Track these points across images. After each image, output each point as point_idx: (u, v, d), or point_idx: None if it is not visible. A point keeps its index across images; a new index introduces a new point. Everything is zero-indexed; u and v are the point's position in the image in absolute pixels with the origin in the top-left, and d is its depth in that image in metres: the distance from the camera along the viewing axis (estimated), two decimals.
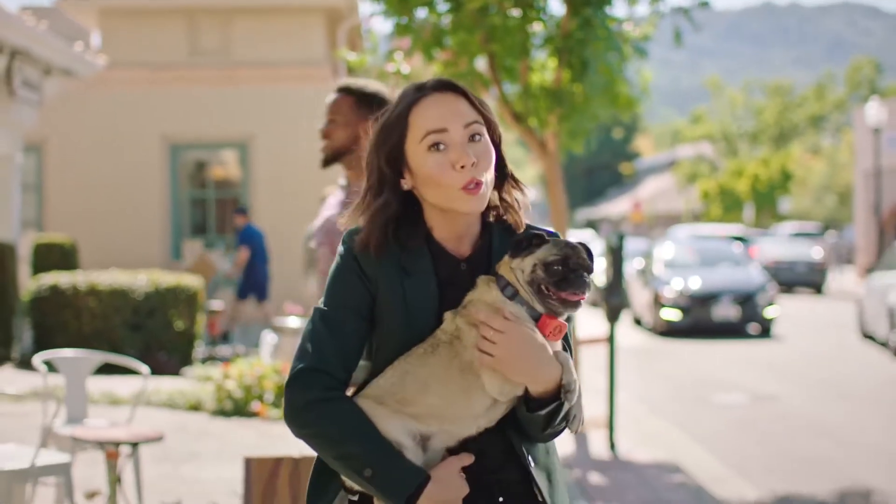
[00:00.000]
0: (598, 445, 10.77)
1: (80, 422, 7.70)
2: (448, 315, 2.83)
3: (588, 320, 22.03)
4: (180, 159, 23.66)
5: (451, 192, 2.83)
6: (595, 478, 9.49)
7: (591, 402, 11.94)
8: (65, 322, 14.92)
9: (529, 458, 2.87)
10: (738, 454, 10.71)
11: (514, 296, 2.77)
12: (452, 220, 2.91)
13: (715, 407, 13.61)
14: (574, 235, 15.81)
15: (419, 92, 2.90)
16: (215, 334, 16.85)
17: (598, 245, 32.59)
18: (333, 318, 2.88)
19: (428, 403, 2.78)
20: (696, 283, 23.02)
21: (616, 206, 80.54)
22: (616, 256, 11.04)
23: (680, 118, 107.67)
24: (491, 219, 2.98)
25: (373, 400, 2.81)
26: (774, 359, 18.57)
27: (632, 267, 26.98)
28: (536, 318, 2.76)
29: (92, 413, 9.35)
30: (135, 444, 6.94)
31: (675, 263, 24.71)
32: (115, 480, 6.65)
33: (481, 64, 11.82)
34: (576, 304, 2.75)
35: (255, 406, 11.26)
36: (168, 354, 14.91)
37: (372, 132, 2.94)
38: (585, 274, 2.74)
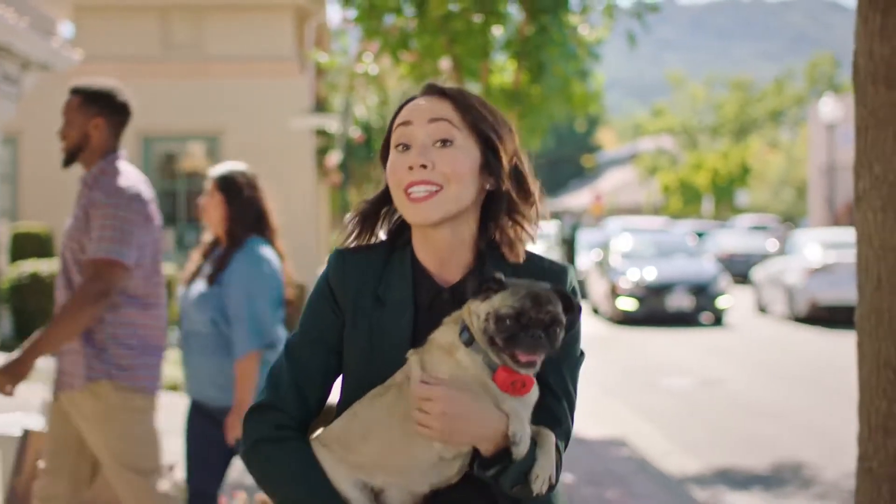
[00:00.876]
0: None
1: None
2: (410, 353, 2.56)
3: None
4: (152, 151, 24.29)
5: (399, 196, 2.63)
6: None
7: None
8: (44, 308, 15.57)
9: None
10: (683, 431, 11.49)
11: (470, 342, 2.49)
12: (428, 239, 2.66)
13: (664, 389, 14.40)
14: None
15: (417, 94, 2.71)
16: None
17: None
18: (296, 351, 2.69)
19: (368, 452, 2.54)
20: (651, 274, 23.82)
21: (578, 199, 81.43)
22: (569, 247, 11.83)
23: (643, 111, 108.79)
24: (482, 246, 2.68)
25: (320, 443, 2.61)
26: (723, 345, 19.44)
27: (590, 258, 27.79)
28: (494, 368, 2.46)
29: None
30: None
31: (631, 255, 25.48)
32: None
33: (445, 65, 12.55)
34: (528, 365, 2.43)
35: None
36: None
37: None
38: (541, 332, 2.42)
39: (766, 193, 66.07)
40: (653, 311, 23.47)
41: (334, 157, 26.72)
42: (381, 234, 2.79)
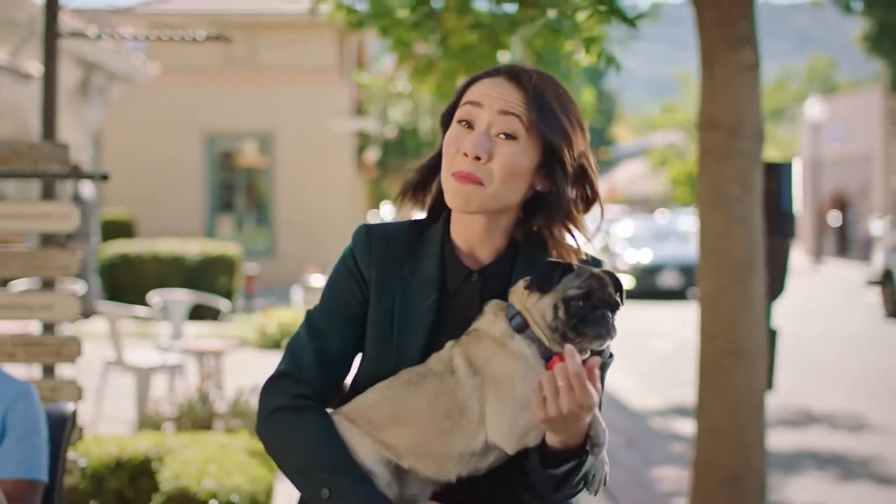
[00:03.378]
0: None
1: (181, 339, 10.52)
2: (449, 343, 2.34)
3: None
4: (214, 148, 26.24)
5: (445, 174, 2.35)
6: None
7: None
8: (131, 282, 17.67)
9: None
10: (654, 379, 13.40)
11: (522, 329, 2.26)
12: (463, 220, 2.42)
13: (647, 349, 16.30)
14: None
15: (496, 70, 2.37)
16: (251, 292, 19.58)
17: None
18: (317, 323, 2.46)
19: (401, 436, 2.33)
20: (646, 256, 25.76)
21: None
22: None
23: (658, 107, 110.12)
24: (518, 235, 2.43)
25: (344, 417, 2.39)
26: None
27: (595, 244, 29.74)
28: (548, 357, 2.23)
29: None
30: (219, 353, 9.77)
31: (631, 239, 27.44)
32: (207, 376, 9.37)
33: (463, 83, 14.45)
34: (596, 341, 2.22)
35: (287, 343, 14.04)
36: (210, 310, 17.64)
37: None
38: (608, 311, 2.22)
39: None
40: (646, 288, 25.38)
41: (372, 154, 28.62)
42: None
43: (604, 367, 2.40)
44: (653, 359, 15.16)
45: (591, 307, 2.21)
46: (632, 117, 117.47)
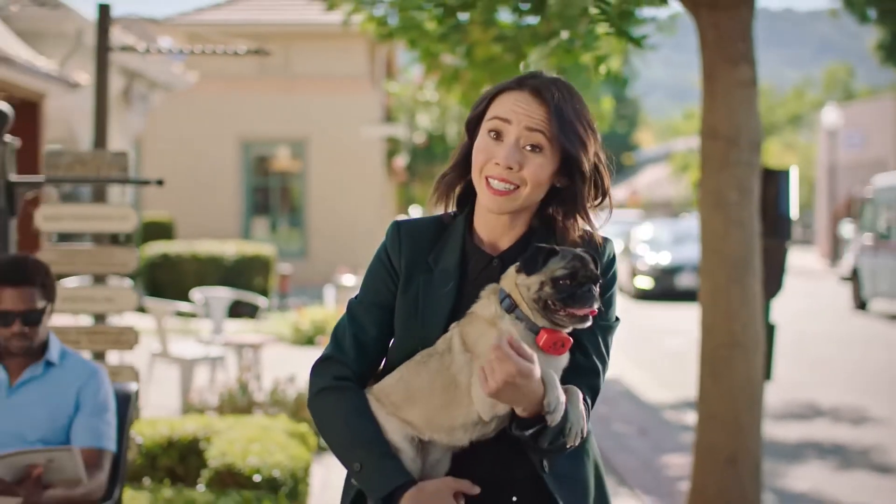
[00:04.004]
0: None
1: (221, 333, 10.96)
2: (452, 325, 2.55)
3: None
4: (249, 153, 26.70)
5: (480, 180, 2.56)
6: None
7: None
8: (172, 280, 18.16)
9: (545, 462, 2.55)
10: (666, 374, 13.75)
11: (512, 309, 2.46)
12: (489, 216, 2.62)
13: (661, 346, 16.64)
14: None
15: (519, 83, 2.56)
16: (284, 291, 20.04)
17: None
18: (355, 312, 2.68)
19: (414, 413, 2.54)
20: (665, 258, 26.04)
21: (617, 193, 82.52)
22: None
23: (680, 113, 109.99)
24: (535, 222, 2.65)
25: (374, 397, 2.61)
26: None
27: (616, 245, 30.05)
28: (536, 332, 2.44)
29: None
30: (258, 346, 10.19)
31: (651, 241, 27.65)
32: (246, 368, 9.79)
33: None
34: (583, 319, 2.43)
35: (320, 339, 14.42)
36: (247, 307, 18.09)
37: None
38: (593, 287, 2.43)
39: None
40: (665, 288, 25.63)
41: (401, 160, 29.04)
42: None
43: (609, 330, 2.62)
44: (666, 355, 15.49)
45: (577, 284, 2.42)
46: (654, 123, 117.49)
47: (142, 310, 11.03)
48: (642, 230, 29.11)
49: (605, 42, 8.06)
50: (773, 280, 6.73)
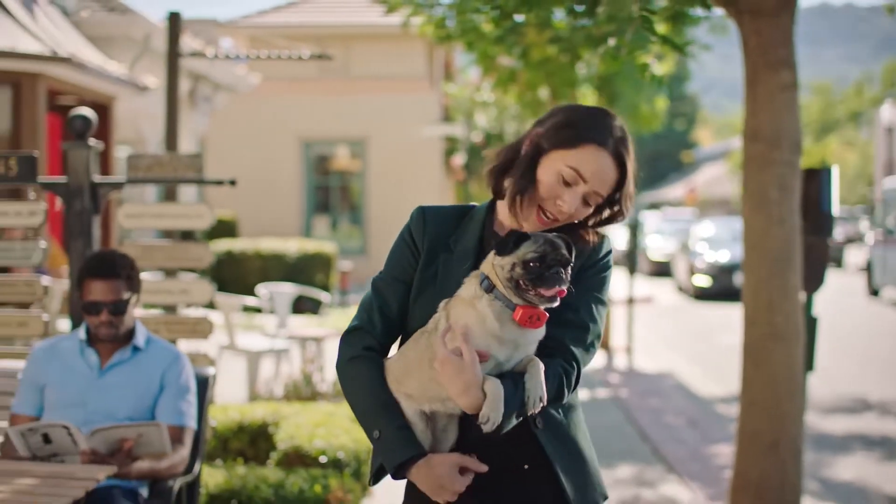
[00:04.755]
0: (621, 361, 14.31)
1: (286, 327, 11.36)
2: (442, 304, 2.72)
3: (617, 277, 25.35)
4: (310, 153, 27.15)
5: (532, 205, 2.75)
6: (615, 378, 12.96)
7: (617, 334, 15.47)
8: (236, 277, 18.65)
9: (537, 420, 2.74)
10: (718, 370, 13.99)
11: (490, 289, 2.62)
12: (518, 224, 2.80)
13: (713, 343, 16.86)
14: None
15: (602, 136, 2.73)
16: (345, 287, 20.46)
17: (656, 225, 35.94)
18: (379, 287, 2.86)
19: (411, 385, 2.71)
20: (724, 256, 25.82)
21: (675, 191, 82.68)
22: (633, 231, 14.47)
23: (740, 110, 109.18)
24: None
25: (389, 374, 2.78)
26: None
27: (676, 243, 30.15)
28: (513, 309, 2.59)
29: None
30: (321, 339, 10.58)
31: (710, 239, 27.39)
32: (309, 360, 10.16)
33: (543, 94, 15.20)
34: (551, 299, 2.59)
35: None
36: (310, 302, 18.52)
37: (560, 112, 2.81)
38: (562, 270, 2.58)
39: (842, 187, 67.06)
40: (723, 287, 25.37)
41: (459, 158, 29.37)
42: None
43: (602, 303, 2.82)
44: (719, 351, 15.70)
45: (546, 267, 2.57)
46: (713, 120, 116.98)
47: (210, 305, 11.47)
48: (702, 228, 28.97)
49: (654, 46, 8.31)
50: (815, 275, 6.98)
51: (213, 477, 5.55)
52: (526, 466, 2.76)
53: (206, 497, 5.33)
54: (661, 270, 33.00)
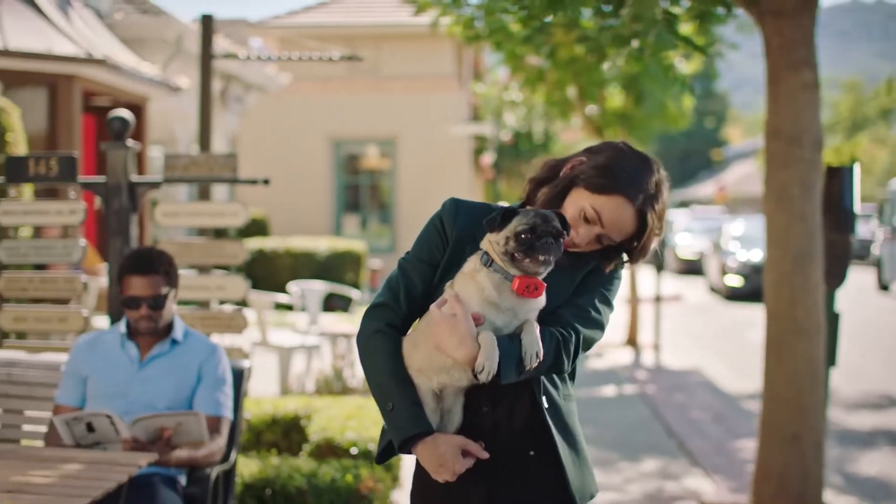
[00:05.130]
0: (648, 358, 14.42)
1: (317, 324, 11.55)
2: (447, 284, 2.87)
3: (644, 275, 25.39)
4: (340, 152, 27.33)
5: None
6: (642, 374, 13.08)
7: (645, 331, 15.58)
8: (267, 275, 18.86)
9: (543, 398, 2.88)
10: (747, 366, 14.08)
11: (489, 263, 2.77)
12: None
13: (742, 340, 16.94)
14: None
15: (634, 192, 2.85)
16: (375, 285, 20.65)
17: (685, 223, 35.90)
18: (407, 266, 2.96)
19: (419, 358, 2.83)
20: (757, 256, 24.96)
21: (705, 189, 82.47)
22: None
23: None
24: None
25: (403, 349, 2.92)
26: None
27: (706, 242, 30.11)
28: (511, 280, 2.75)
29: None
30: (351, 336, 10.75)
31: (742, 238, 26.86)
32: (340, 356, 10.35)
33: (571, 93, 15.32)
34: (544, 263, 2.74)
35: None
36: (340, 299, 18.73)
37: (608, 152, 2.93)
38: (551, 239, 2.73)
39: (872, 184, 66.75)
40: (755, 287, 24.35)
41: (487, 157, 29.53)
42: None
43: (608, 301, 2.96)
44: (747, 349, 15.78)
45: (536, 237, 2.73)
46: (744, 118, 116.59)
47: (242, 303, 11.65)
48: (734, 227, 28.37)
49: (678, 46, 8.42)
50: (837, 272, 7.09)
51: (247, 466, 5.73)
52: (532, 453, 2.89)
53: (241, 486, 5.51)
54: (691, 269, 32.91)
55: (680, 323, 19.37)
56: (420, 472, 2.96)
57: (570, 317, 2.87)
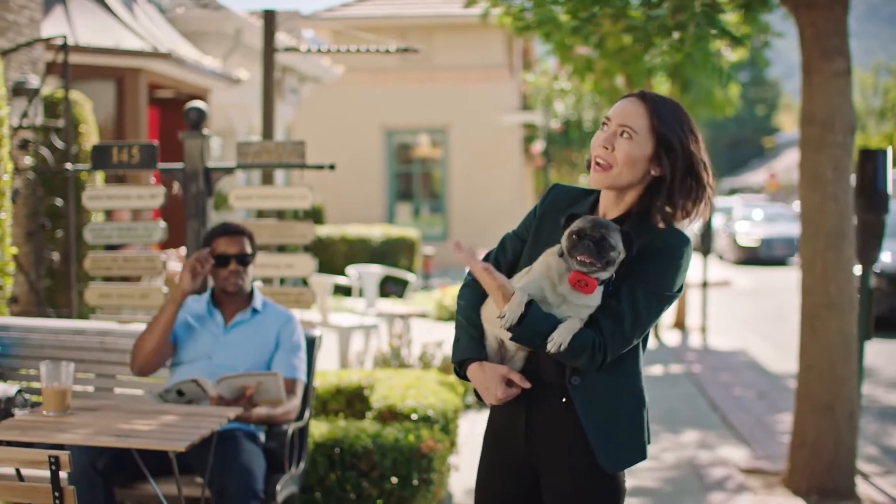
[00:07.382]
0: (695, 340, 14.80)
1: (374, 306, 12.04)
2: (543, 253, 3.22)
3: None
4: (393, 142, 27.82)
5: (592, 160, 3.17)
6: (689, 355, 13.46)
7: (693, 315, 15.95)
8: (324, 260, 19.38)
9: (576, 378, 3.13)
10: (791, 347, 14.34)
11: (562, 254, 3.09)
12: (604, 194, 3.22)
13: (790, 323, 17.13)
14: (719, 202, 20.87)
15: (642, 94, 3.17)
16: (427, 272, 21.13)
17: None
18: (506, 238, 3.40)
19: (486, 311, 3.26)
20: (760, 231, 31.31)
21: (756, 177, 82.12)
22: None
23: None
24: (634, 209, 3.17)
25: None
26: None
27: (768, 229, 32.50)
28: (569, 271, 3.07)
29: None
30: (407, 316, 11.22)
31: (749, 219, 33.00)
32: (397, 335, 10.80)
33: (620, 82, 15.67)
34: (584, 264, 3.01)
35: None
36: (395, 284, 19.21)
37: None
38: (591, 244, 3.00)
39: None
40: (758, 256, 30.48)
41: (538, 145, 29.86)
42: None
43: (652, 294, 3.10)
44: (794, 331, 15.97)
45: (579, 239, 3.03)
46: (795, 106, 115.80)
47: (304, 283, 12.17)
48: (741, 209, 34.45)
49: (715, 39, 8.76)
50: (870, 250, 7.45)
51: (317, 428, 6.19)
52: (563, 400, 3.16)
53: (312, 445, 5.98)
54: (750, 257, 32.16)
55: (728, 307, 19.67)
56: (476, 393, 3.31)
57: (602, 323, 3.07)
